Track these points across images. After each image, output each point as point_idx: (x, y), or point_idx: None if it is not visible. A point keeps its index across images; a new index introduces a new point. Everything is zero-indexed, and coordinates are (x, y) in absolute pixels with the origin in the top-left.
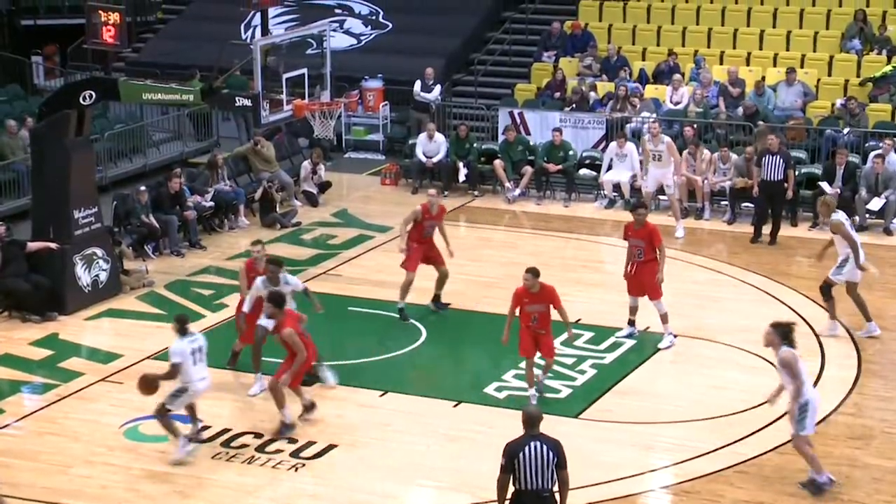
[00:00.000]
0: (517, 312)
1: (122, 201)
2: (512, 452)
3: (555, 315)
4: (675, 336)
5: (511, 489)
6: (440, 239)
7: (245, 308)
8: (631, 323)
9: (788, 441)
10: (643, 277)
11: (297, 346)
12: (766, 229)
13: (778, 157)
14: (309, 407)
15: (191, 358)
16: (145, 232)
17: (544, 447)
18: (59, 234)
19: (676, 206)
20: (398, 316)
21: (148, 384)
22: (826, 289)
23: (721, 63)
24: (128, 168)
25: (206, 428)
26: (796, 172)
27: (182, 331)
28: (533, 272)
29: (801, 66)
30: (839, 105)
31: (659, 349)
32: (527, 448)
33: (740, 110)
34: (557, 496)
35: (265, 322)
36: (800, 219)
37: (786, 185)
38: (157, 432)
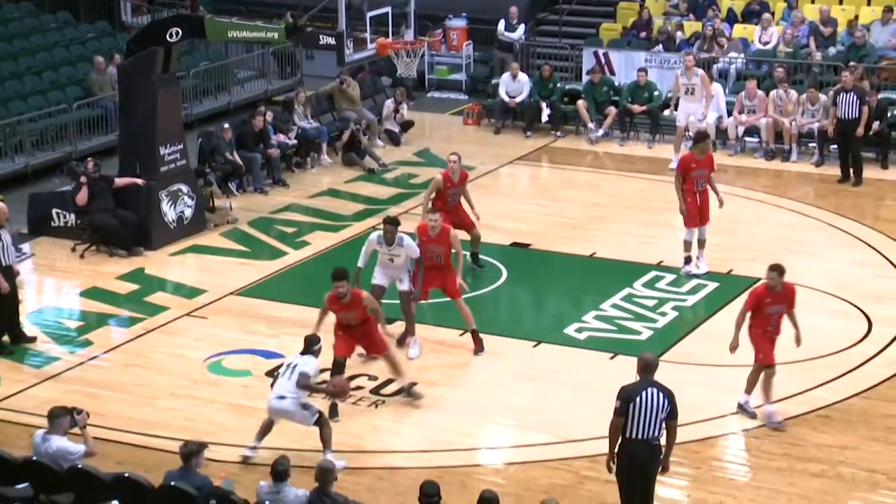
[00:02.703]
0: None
1: (206, 138)
2: (627, 397)
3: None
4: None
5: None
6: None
7: (360, 263)
8: (689, 260)
9: (874, 386)
10: (704, 206)
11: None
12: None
13: (852, 94)
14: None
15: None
16: (229, 169)
17: (660, 394)
18: (146, 170)
19: (681, 137)
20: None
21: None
22: None
23: (812, 2)
24: (212, 105)
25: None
26: (889, 115)
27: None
28: (778, 269)
29: None
30: None
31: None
32: (643, 393)
33: (831, 50)
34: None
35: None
36: (891, 161)
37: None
38: (240, 367)
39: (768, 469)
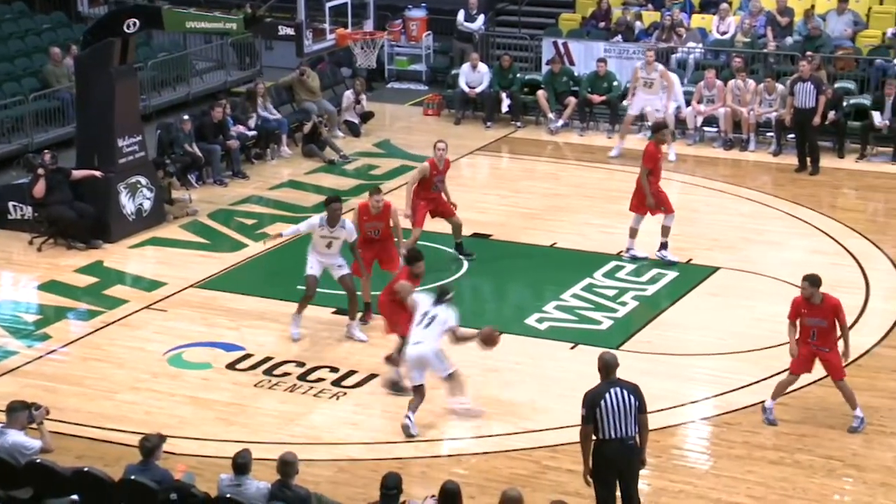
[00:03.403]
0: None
1: (165, 130)
2: (592, 401)
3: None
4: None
5: (593, 440)
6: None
7: (287, 231)
8: (665, 245)
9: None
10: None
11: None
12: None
13: (809, 83)
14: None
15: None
16: (188, 161)
17: (625, 392)
18: (104, 162)
19: (628, 125)
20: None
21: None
22: None
23: None
24: (171, 97)
25: (249, 356)
26: (845, 104)
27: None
28: (812, 280)
29: None
30: (890, 35)
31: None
32: (607, 395)
33: (788, 40)
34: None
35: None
36: (847, 150)
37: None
38: (201, 360)
39: (727, 457)
